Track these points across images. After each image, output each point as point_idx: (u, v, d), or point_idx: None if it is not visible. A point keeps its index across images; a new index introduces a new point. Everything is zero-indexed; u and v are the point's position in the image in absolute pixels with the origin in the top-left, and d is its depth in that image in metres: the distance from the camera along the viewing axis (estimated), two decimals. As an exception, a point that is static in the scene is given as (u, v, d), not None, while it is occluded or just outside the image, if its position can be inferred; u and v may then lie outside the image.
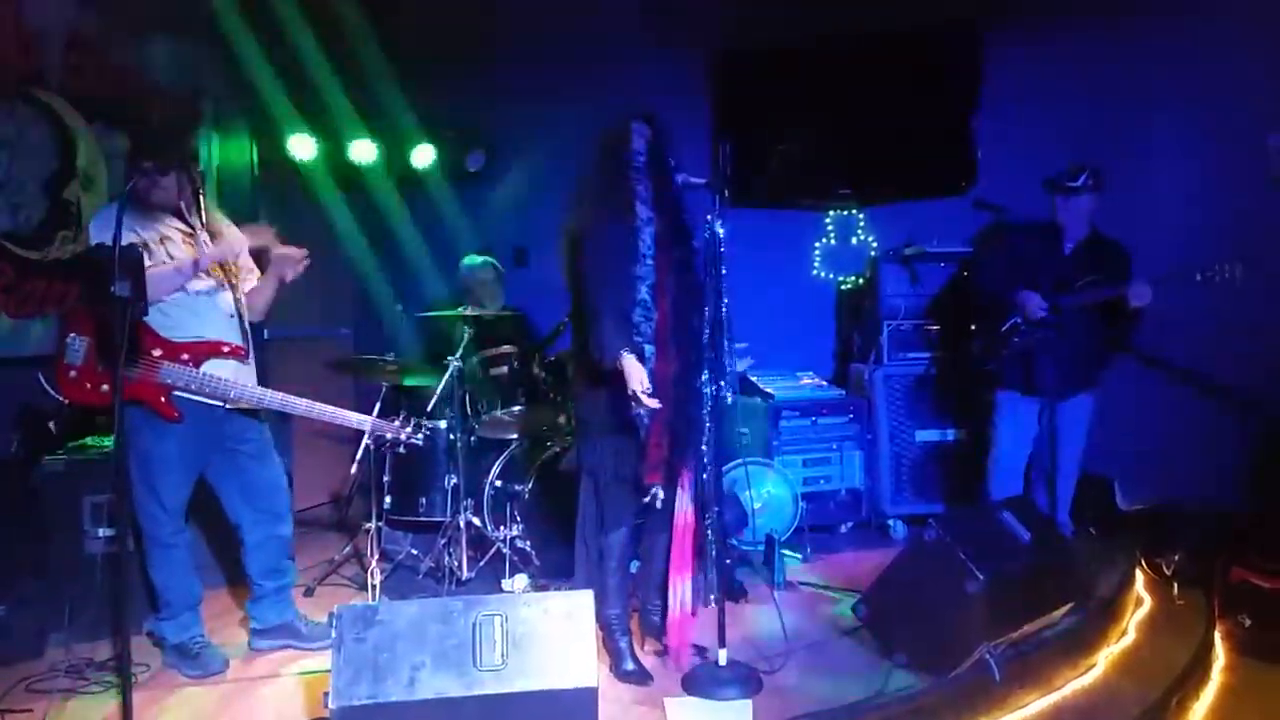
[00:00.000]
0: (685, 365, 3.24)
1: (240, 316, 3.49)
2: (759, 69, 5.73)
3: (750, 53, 5.73)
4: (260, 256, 3.68)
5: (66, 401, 3.25)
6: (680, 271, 3.26)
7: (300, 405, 3.46)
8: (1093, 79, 5.33)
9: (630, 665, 3.30)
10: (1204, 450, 4.94)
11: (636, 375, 3.06)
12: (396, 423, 3.72)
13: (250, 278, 3.62)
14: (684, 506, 3.33)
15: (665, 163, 3.25)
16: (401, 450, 3.92)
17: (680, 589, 3.32)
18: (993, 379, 4.48)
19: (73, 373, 3.22)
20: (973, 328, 4.58)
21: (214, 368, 3.34)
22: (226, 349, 3.38)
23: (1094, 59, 5.33)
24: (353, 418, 3.65)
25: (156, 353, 3.25)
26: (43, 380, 3.25)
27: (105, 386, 3.21)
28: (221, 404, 3.37)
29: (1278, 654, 3.96)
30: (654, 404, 3.06)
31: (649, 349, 3.16)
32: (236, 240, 3.58)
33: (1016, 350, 4.33)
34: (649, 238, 3.19)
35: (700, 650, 3.42)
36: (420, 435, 3.74)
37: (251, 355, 3.52)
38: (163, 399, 3.24)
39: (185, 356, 3.29)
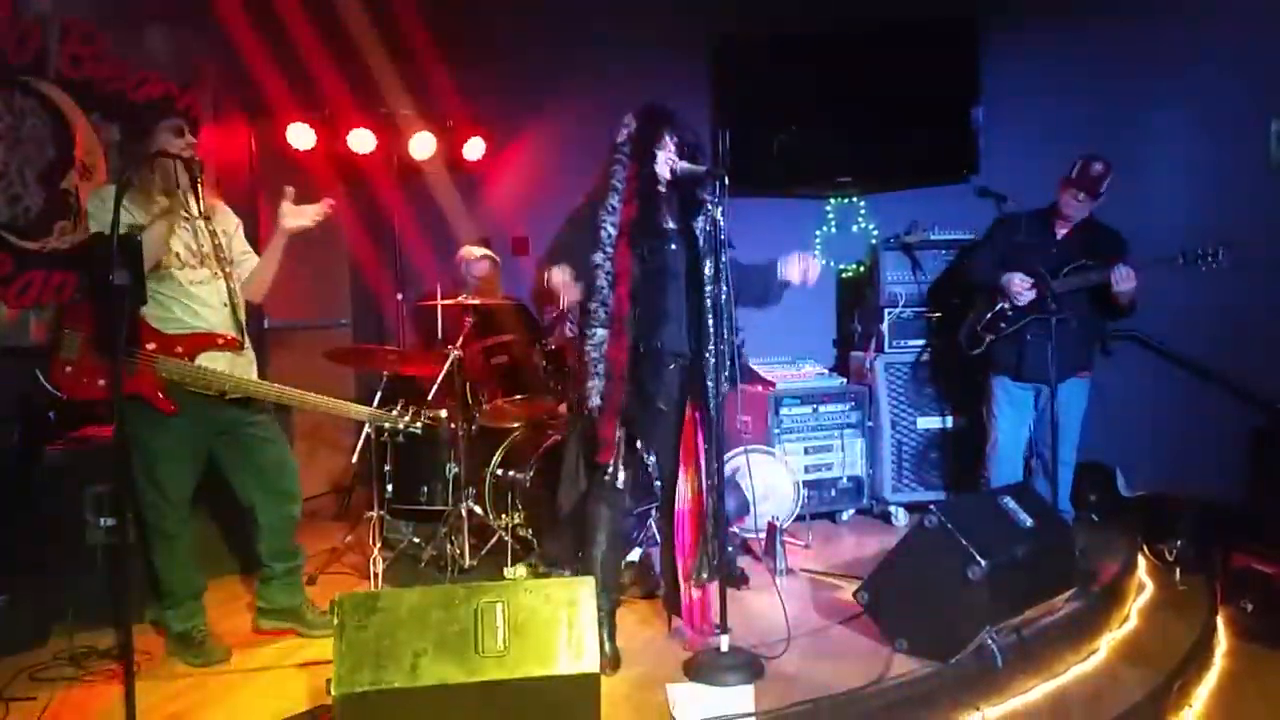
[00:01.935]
0: (650, 350, 3.25)
1: (235, 308, 3.46)
2: (759, 56, 5.70)
3: (750, 40, 5.70)
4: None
5: (63, 396, 3.23)
6: (647, 258, 3.24)
7: (296, 397, 3.45)
8: (1093, 65, 5.31)
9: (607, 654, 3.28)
10: (1206, 436, 4.94)
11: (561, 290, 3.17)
12: (395, 411, 3.70)
13: (247, 260, 3.58)
14: (686, 493, 3.35)
15: (646, 153, 3.26)
16: (401, 439, 3.92)
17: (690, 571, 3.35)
18: (987, 365, 4.48)
19: (68, 368, 3.20)
20: (962, 313, 4.59)
21: (209, 360, 3.32)
22: (221, 341, 3.36)
23: (1094, 45, 5.31)
24: (350, 408, 3.62)
25: (151, 346, 3.23)
26: (40, 376, 3.24)
27: (101, 381, 3.19)
28: (218, 395, 3.36)
29: (1280, 639, 3.97)
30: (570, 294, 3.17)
31: (601, 333, 3.20)
32: (232, 225, 3.57)
33: (1003, 335, 4.33)
34: (611, 226, 3.21)
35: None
36: (420, 424, 3.72)
37: (248, 346, 3.50)
38: (159, 393, 3.23)
39: (179, 349, 3.27)
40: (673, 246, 3.32)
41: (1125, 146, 4.90)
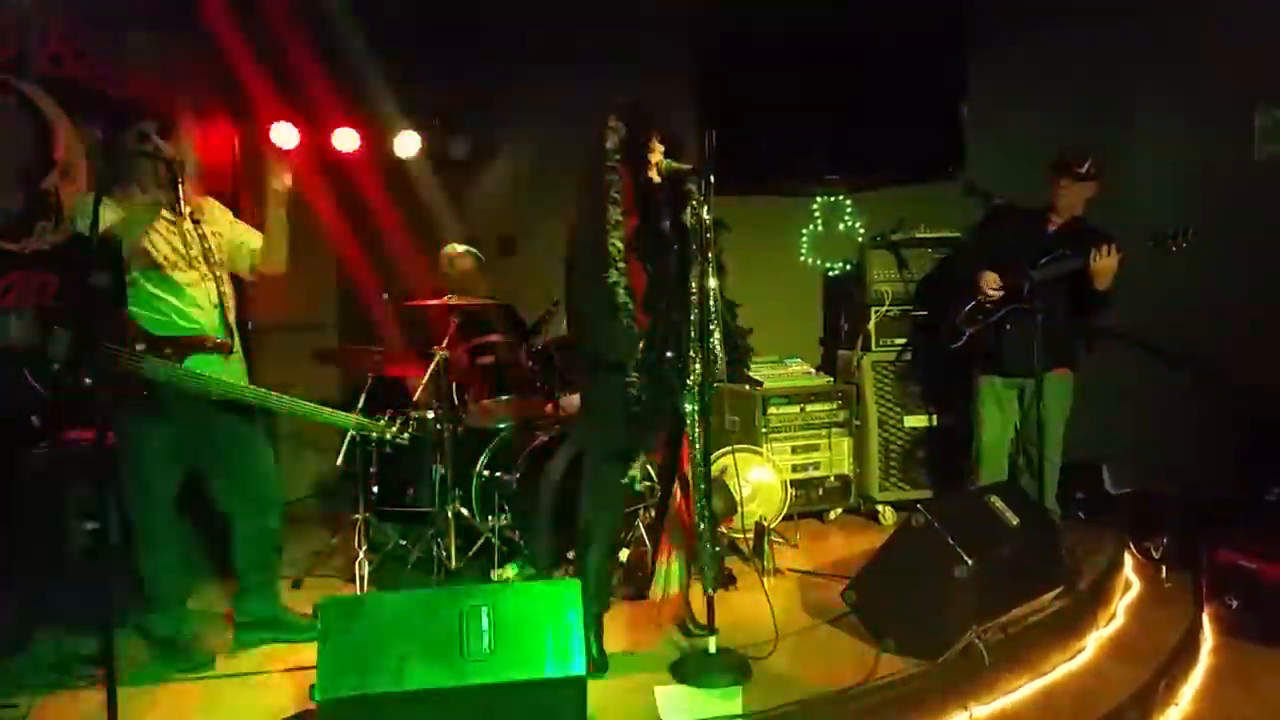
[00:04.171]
0: (664, 353, 3.25)
1: (225, 310, 3.44)
2: (745, 55, 5.69)
3: (736, 38, 5.69)
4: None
5: (51, 396, 3.21)
6: (654, 267, 3.25)
7: (283, 403, 3.42)
8: (1078, 62, 5.33)
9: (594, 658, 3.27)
10: (1192, 434, 4.96)
11: None
12: (382, 421, 3.67)
13: (251, 238, 3.55)
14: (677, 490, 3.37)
15: (641, 159, 3.23)
16: (388, 450, 3.89)
17: (664, 568, 3.33)
18: (973, 363, 4.48)
19: (56, 366, 3.18)
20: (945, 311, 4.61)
21: (197, 363, 3.30)
22: (211, 344, 3.34)
23: (1080, 41, 5.32)
24: (337, 417, 3.59)
25: (140, 346, 3.22)
26: (28, 375, 3.21)
27: (89, 380, 3.17)
28: (206, 398, 3.34)
29: (1265, 635, 3.99)
30: None
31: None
32: (224, 222, 3.55)
33: (982, 328, 4.34)
34: (619, 240, 3.18)
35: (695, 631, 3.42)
36: (406, 435, 3.69)
37: (238, 349, 3.48)
38: (145, 393, 3.21)
39: (169, 350, 3.25)
40: (675, 248, 3.31)
41: (1111, 141, 4.92)
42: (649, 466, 4.07)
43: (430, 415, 4.45)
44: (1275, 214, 4.70)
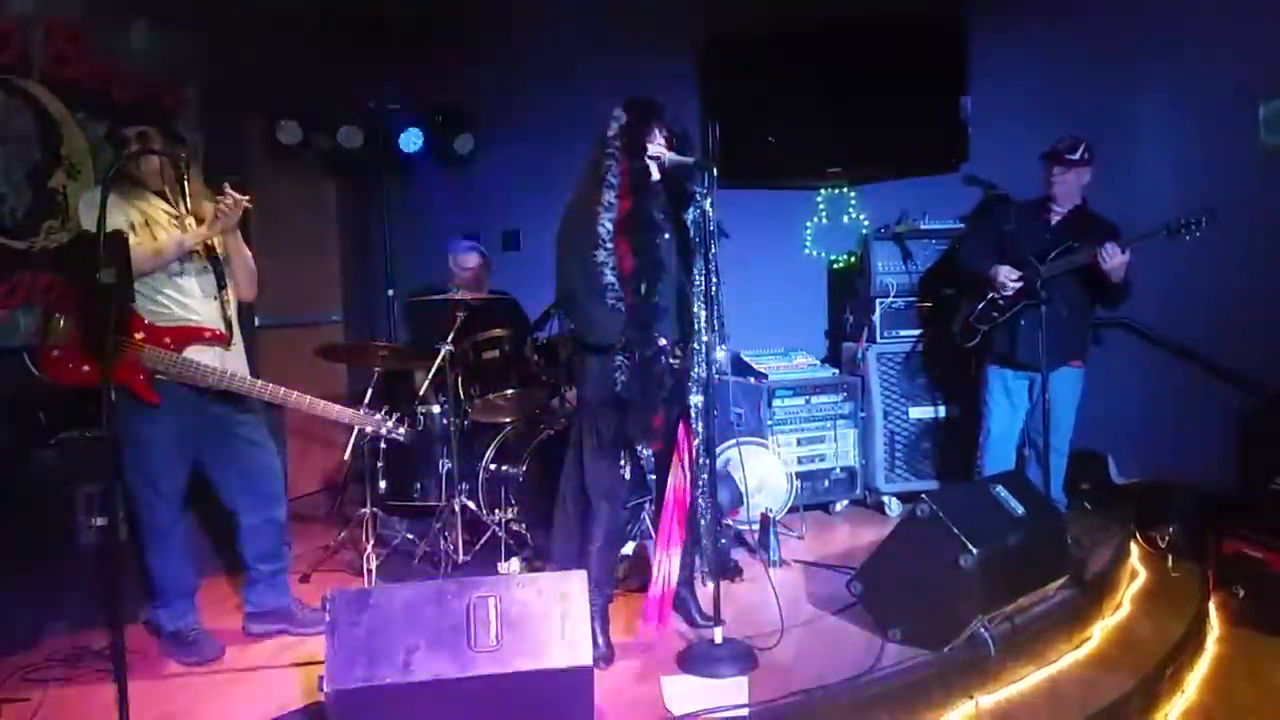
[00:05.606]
0: (655, 338, 3.28)
1: (224, 302, 3.46)
2: (748, 48, 5.69)
3: (740, 32, 5.69)
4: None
5: (49, 381, 3.22)
6: (641, 252, 3.25)
7: (280, 395, 3.42)
8: (1081, 52, 5.31)
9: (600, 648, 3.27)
10: (1198, 423, 4.95)
11: None
12: (378, 416, 3.67)
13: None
14: (677, 482, 3.35)
15: (637, 147, 3.26)
16: (383, 445, 3.87)
17: (665, 565, 3.33)
18: (981, 354, 4.49)
19: (56, 352, 3.20)
20: (954, 304, 4.60)
21: (196, 353, 3.31)
22: (209, 334, 3.36)
23: (1082, 32, 5.31)
24: (333, 410, 3.58)
25: (139, 335, 3.24)
26: (26, 359, 3.24)
27: (87, 367, 3.20)
28: (205, 390, 3.35)
29: (1271, 624, 3.99)
30: None
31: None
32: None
33: (996, 325, 4.34)
34: (609, 222, 3.21)
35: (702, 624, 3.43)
36: (402, 430, 3.69)
37: (239, 342, 3.49)
38: (141, 378, 3.22)
39: (168, 340, 3.27)
40: (665, 236, 3.33)
41: (1114, 132, 4.90)
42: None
43: (436, 410, 4.46)
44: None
